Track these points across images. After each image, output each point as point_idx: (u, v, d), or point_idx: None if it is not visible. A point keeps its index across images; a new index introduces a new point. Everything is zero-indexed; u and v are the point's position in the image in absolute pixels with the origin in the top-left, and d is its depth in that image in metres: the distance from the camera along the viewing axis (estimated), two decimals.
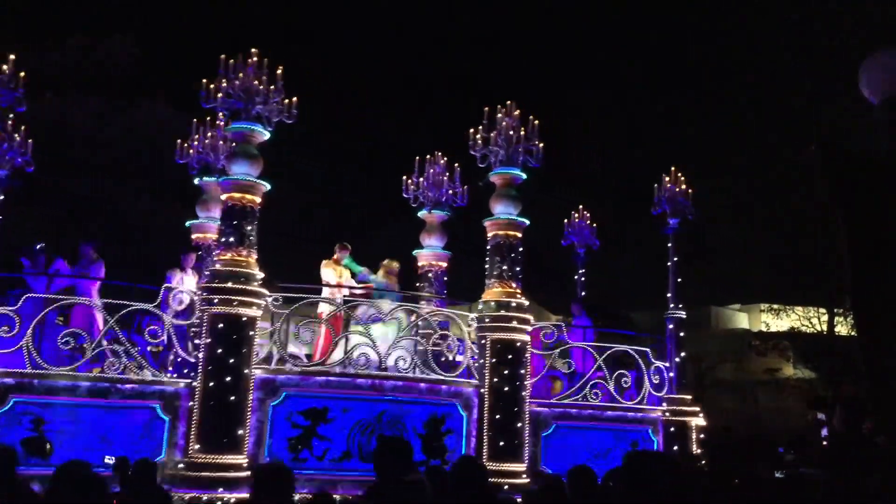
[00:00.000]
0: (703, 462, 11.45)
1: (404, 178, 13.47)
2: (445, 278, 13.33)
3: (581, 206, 15.02)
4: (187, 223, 12.37)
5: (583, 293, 15.34)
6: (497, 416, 10.45)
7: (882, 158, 4.52)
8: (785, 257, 30.79)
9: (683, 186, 12.57)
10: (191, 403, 9.27)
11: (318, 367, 9.80)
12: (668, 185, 12.53)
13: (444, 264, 13.55)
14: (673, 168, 12.66)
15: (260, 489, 4.09)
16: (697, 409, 11.97)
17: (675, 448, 11.36)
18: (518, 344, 10.69)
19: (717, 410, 33.42)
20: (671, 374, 11.91)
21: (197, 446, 9.08)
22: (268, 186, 9.91)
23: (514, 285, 10.92)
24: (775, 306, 35.84)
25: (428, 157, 13.50)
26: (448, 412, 10.32)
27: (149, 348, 9.86)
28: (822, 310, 31.48)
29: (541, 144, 11.29)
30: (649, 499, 3.47)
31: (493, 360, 10.59)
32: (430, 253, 13.35)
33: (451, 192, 13.40)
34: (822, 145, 4.37)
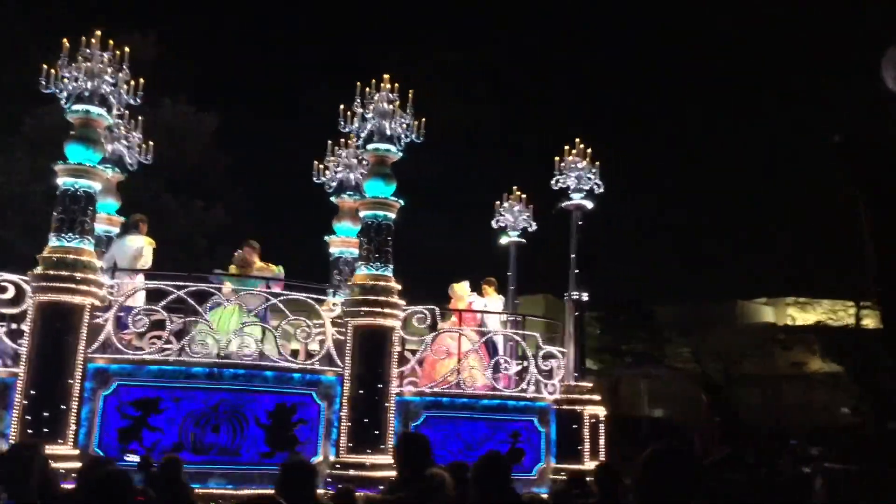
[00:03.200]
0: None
1: (315, 162, 13.04)
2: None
3: (515, 186, 14.08)
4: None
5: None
6: (357, 406, 9.84)
7: None
8: (811, 250, 29.27)
9: (588, 160, 11.68)
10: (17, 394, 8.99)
11: (154, 356, 9.39)
12: (573, 158, 11.65)
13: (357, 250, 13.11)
14: (577, 139, 11.78)
15: (284, 485, 4.12)
16: (595, 397, 11.06)
17: (564, 438, 10.54)
18: (382, 329, 10.06)
19: (742, 405, 31.93)
20: (568, 361, 11.05)
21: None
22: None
23: (382, 268, 10.30)
24: (801, 300, 34.17)
25: (342, 140, 13.01)
26: (301, 401, 9.77)
27: None
28: (850, 303, 29.95)
29: (419, 121, 10.68)
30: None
31: (356, 346, 10.00)
32: (342, 238, 12.87)
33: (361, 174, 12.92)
34: (844, 134, 4.31)
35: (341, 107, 10.66)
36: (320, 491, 9.51)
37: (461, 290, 12.18)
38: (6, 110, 22.40)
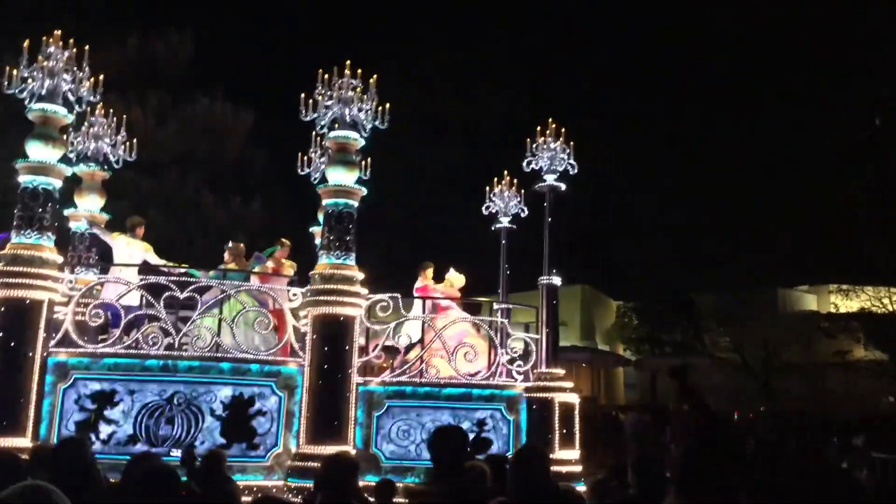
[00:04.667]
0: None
1: (300, 153, 13.04)
2: None
3: (506, 171, 13.75)
4: None
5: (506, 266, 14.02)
6: (317, 396, 9.74)
7: None
8: (852, 235, 28.16)
9: (561, 140, 11.32)
10: None
11: (109, 350, 9.46)
12: (547, 139, 11.30)
13: None
14: (550, 120, 11.41)
15: (325, 478, 4.23)
16: (568, 384, 10.70)
17: (534, 426, 10.24)
18: (342, 318, 9.93)
19: (785, 394, 30.91)
20: (540, 348, 10.73)
21: None
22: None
23: (342, 257, 10.17)
24: (844, 287, 32.84)
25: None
26: (259, 392, 9.71)
27: None
28: (894, 289, 28.72)
29: (383, 106, 10.51)
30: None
31: (315, 336, 9.89)
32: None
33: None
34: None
35: (302, 95, 10.55)
36: (279, 483, 9.50)
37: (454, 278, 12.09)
38: None
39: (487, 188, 13.34)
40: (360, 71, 10.61)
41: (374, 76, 10.63)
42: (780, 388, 31.37)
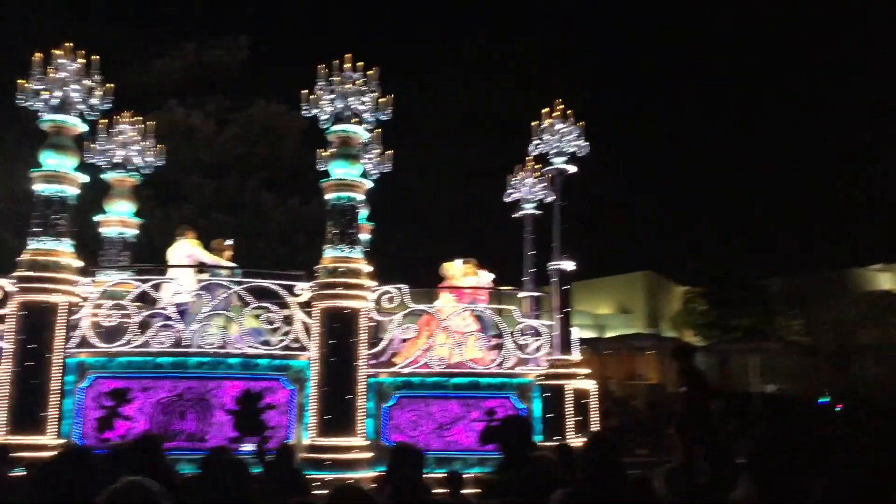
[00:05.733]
0: None
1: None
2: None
3: (527, 157, 13.46)
4: None
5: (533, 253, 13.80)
6: (326, 388, 9.83)
7: None
8: None
9: (570, 121, 11.07)
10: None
11: (122, 349, 9.76)
12: (553, 120, 11.06)
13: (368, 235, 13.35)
14: (557, 101, 11.15)
15: (393, 468, 4.33)
16: (583, 371, 10.47)
17: (548, 415, 10.06)
18: (348, 311, 9.99)
19: (860, 377, 29.50)
20: (554, 335, 10.53)
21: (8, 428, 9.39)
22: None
23: (348, 250, 10.22)
24: None
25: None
26: (268, 387, 9.87)
27: None
28: None
29: (386, 97, 10.51)
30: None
31: (323, 329, 9.98)
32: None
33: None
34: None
35: (303, 91, 10.64)
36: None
37: (454, 270, 11.93)
38: None
39: (508, 176, 13.18)
40: (361, 64, 10.65)
41: (374, 69, 10.64)
42: (855, 372, 29.95)
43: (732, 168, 46.94)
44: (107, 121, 12.84)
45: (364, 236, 13.45)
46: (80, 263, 10.16)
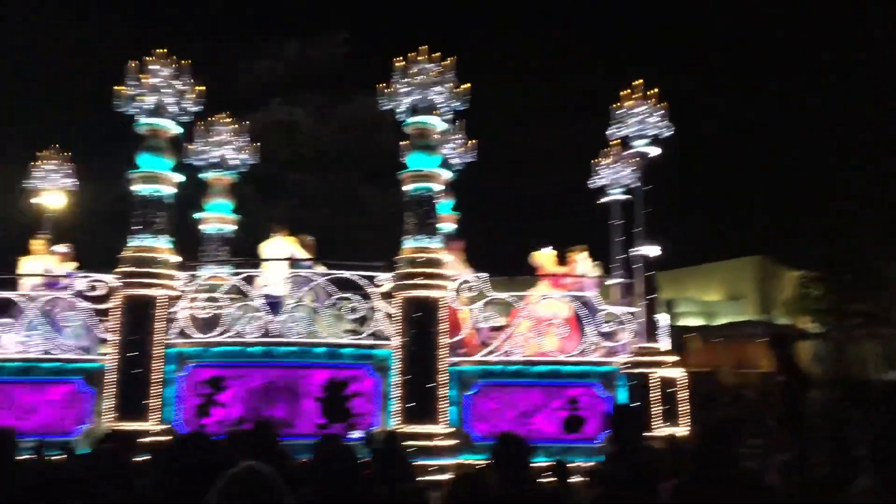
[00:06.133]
0: None
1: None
2: None
3: (612, 142, 13.16)
4: None
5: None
6: (409, 377, 9.99)
7: None
8: None
9: (652, 102, 10.76)
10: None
11: (217, 339, 10.23)
12: (635, 102, 10.78)
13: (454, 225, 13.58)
14: (640, 82, 10.84)
15: (497, 458, 4.37)
16: (670, 359, 10.18)
17: (637, 404, 9.83)
18: (429, 300, 10.11)
19: None
20: (639, 322, 10.30)
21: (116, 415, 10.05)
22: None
23: (427, 240, 10.34)
24: None
25: None
26: (353, 375, 10.12)
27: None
28: None
29: (463, 86, 10.56)
30: None
31: (405, 319, 10.15)
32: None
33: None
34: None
35: (380, 85, 10.81)
36: None
37: (543, 258, 11.89)
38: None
39: (592, 161, 12.96)
40: (437, 55, 10.71)
41: (451, 59, 10.67)
42: None
43: (850, 154, 44.37)
44: (202, 123, 13.52)
45: (449, 226, 13.58)
46: (178, 258, 10.72)
